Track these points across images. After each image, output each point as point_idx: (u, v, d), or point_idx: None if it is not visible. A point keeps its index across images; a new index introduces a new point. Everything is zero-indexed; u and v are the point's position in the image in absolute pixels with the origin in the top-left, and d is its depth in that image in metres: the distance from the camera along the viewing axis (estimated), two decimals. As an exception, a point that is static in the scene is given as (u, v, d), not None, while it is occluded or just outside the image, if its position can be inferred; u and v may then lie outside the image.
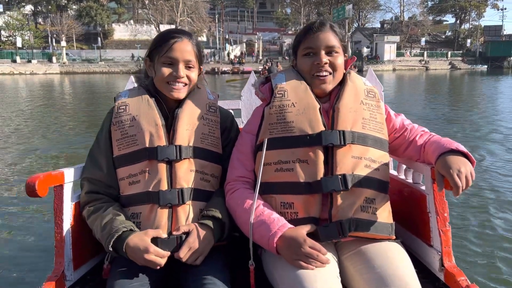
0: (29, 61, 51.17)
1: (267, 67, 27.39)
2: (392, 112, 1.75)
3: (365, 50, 63.21)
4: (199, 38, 67.10)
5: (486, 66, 62.29)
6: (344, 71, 1.71)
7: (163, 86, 1.66)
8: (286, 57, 59.74)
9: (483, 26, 79.68)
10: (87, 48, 61.09)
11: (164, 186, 1.55)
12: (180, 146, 1.59)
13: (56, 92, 23.97)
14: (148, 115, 1.64)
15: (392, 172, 2.04)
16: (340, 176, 1.48)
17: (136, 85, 1.83)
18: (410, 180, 1.89)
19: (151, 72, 1.71)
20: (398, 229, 1.66)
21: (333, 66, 1.63)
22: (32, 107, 15.74)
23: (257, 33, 68.27)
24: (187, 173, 1.60)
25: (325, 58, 1.61)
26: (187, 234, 1.51)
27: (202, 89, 1.81)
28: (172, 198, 1.54)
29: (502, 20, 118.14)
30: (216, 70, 49.53)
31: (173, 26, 62.86)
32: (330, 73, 1.63)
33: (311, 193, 1.49)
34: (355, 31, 73.36)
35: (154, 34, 62.45)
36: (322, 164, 1.50)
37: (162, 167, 1.57)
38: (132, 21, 70.73)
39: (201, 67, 1.77)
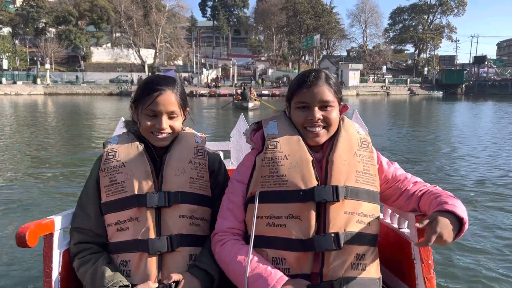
0: (15, 83, 51.88)
1: (240, 92, 28.33)
2: (384, 161, 1.70)
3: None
4: (176, 62, 69.80)
5: (441, 92, 65.95)
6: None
7: (148, 135, 1.68)
8: (259, 82, 63.48)
9: (439, 55, 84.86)
10: (66, 70, 62.22)
11: (153, 234, 1.55)
12: (168, 192, 1.59)
13: (40, 113, 23.75)
14: (137, 161, 1.63)
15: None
16: (333, 235, 1.46)
17: (125, 130, 1.80)
18: (395, 225, 1.88)
19: (136, 119, 1.72)
20: (384, 272, 1.69)
21: (327, 121, 1.58)
22: (16, 128, 15.41)
23: (232, 58, 69.96)
24: (176, 219, 1.60)
25: (318, 114, 1.56)
26: (177, 283, 1.53)
27: (189, 132, 1.80)
28: (161, 246, 1.54)
29: (456, 51, 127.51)
30: (194, 93, 51.47)
31: (152, 51, 65.45)
32: (324, 127, 1.59)
33: (303, 250, 1.48)
34: (323, 58, 77.62)
35: (133, 58, 64.80)
36: (314, 221, 1.49)
37: (151, 214, 1.57)
38: (109, 45, 71.90)
39: (187, 109, 1.76)
